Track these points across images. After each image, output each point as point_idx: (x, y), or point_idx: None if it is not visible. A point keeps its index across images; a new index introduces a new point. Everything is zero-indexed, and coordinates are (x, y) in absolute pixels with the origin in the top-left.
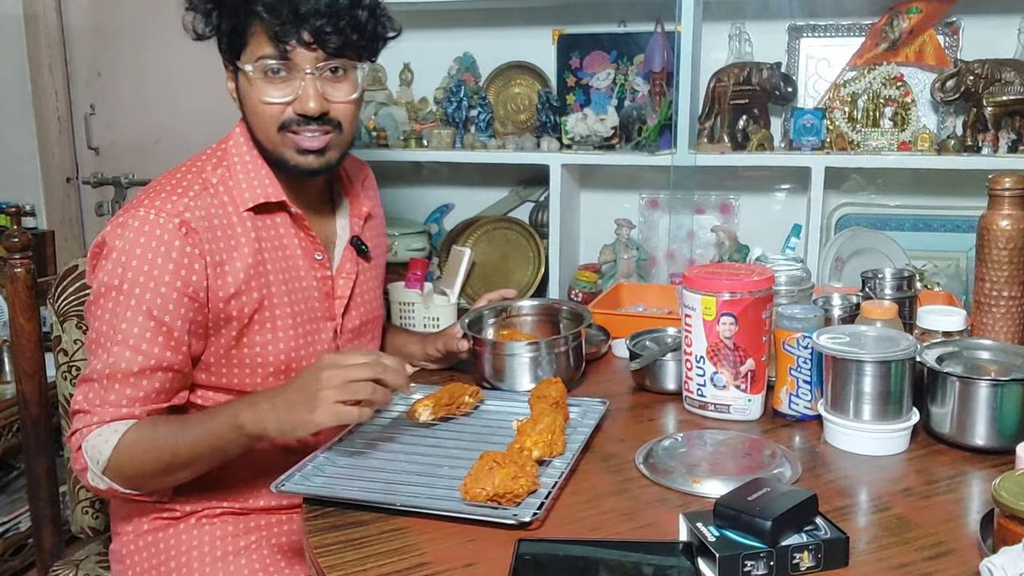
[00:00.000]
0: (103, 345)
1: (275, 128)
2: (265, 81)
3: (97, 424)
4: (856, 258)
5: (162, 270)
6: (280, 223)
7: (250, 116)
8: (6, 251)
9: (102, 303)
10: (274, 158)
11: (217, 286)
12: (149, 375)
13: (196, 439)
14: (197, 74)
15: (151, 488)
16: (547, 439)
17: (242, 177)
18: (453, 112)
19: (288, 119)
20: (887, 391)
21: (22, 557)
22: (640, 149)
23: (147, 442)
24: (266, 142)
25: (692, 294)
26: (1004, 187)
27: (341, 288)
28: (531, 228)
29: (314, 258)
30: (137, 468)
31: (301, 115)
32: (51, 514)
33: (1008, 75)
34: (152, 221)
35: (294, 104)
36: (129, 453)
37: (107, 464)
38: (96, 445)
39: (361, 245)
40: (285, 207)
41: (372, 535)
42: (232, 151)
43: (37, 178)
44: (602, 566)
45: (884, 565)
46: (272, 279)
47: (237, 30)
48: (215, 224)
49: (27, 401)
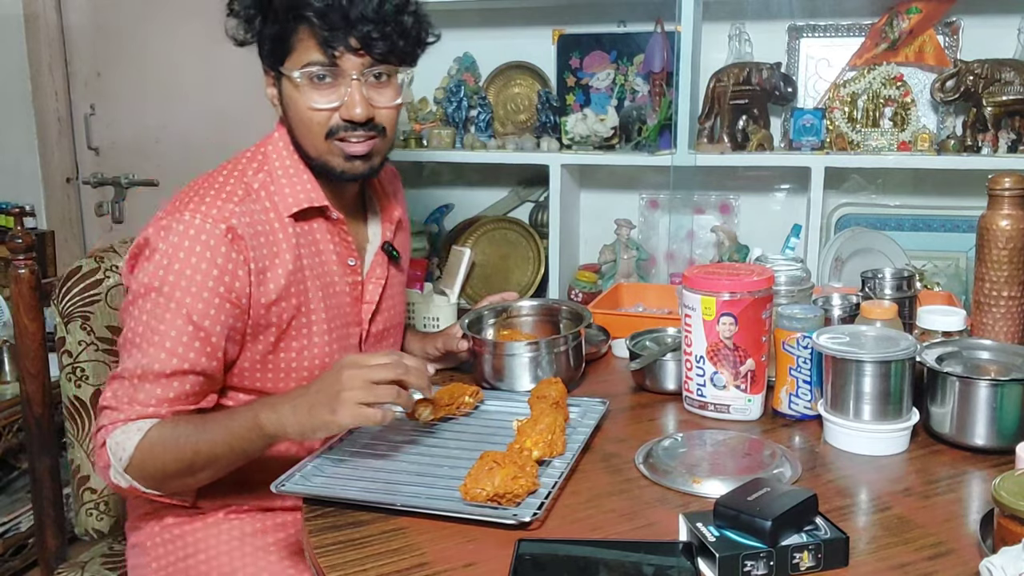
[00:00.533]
0: (138, 345)
1: (323, 136)
2: (312, 88)
3: (123, 421)
4: (856, 258)
5: (206, 275)
6: (317, 228)
7: (296, 123)
8: (10, 252)
9: (140, 303)
10: (319, 165)
11: (259, 293)
12: (180, 377)
13: (216, 439)
14: (197, 74)
15: (172, 488)
16: (547, 439)
17: (284, 182)
18: (453, 112)
19: (335, 126)
20: (887, 391)
21: (22, 557)
22: (640, 149)
23: (168, 441)
24: (312, 150)
25: (692, 294)
26: (1004, 187)
27: (370, 293)
28: (531, 228)
29: (347, 263)
30: (158, 467)
31: (348, 121)
32: (55, 516)
33: (1008, 75)
34: (198, 226)
35: (340, 110)
36: (151, 452)
37: (129, 462)
38: (120, 442)
39: (392, 251)
40: (325, 212)
41: (372, 535)
42: (272, 155)
43: (37, 178)
44: (602, 566)
45: (884, 565)
46: (310, 285)
47: (282, 36)
48: (259, 231)
49: (31, 402)
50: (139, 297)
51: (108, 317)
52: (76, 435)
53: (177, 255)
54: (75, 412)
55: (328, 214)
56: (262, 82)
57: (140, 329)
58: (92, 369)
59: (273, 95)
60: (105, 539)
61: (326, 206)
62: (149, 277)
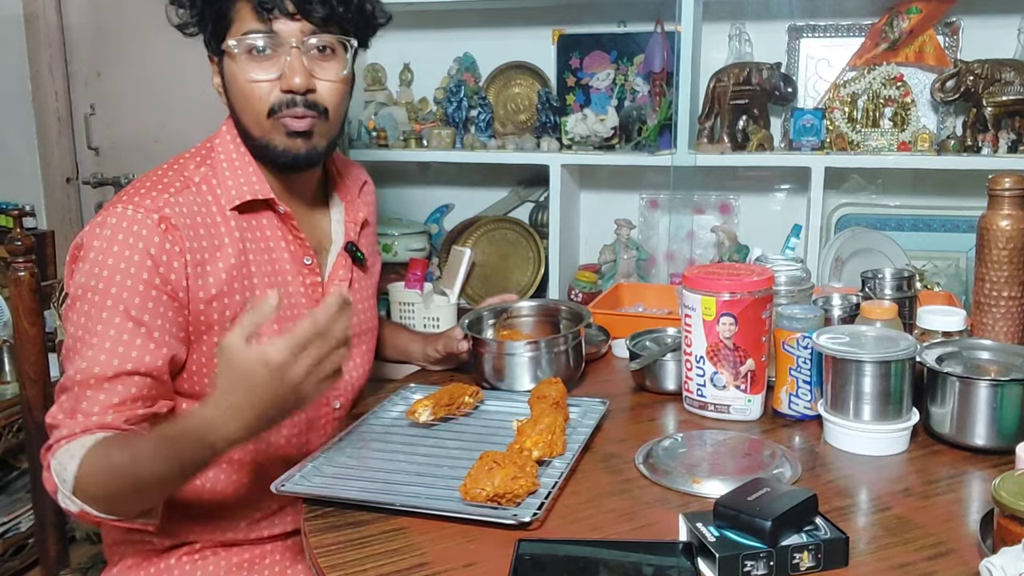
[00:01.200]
0: (78, 351)
1: (265, 112)
2: (249, 60)
3: (67, 438)
4: (856, 258)
5: (140, 267)
6: (267, 224)
7: (238, 103)
8: (9, 255)
9: (78, 306)
10: (263, 145)
11: (198, 286)
12: (125, 379)
13: (160, 465)
14: (197, 74)
15: (125, 512)
16: (547, 439)
17: (228, 174)
18: (453, 112)
19: (277, 102)
20: (887, 391)
21: (22, 557)
22: (640, 149)
23: (104, 465)
24: (256, 129)
25: (692, 294)
26: (1004, 187)
27: None
28: (531, 228)
29: (303, 262)
30: (102, 490)
31: (288, 91)
32: (56, 520)
33: (1008, 75)
34: (130, 217)
35: (280, 81)
36: (93, 473)
37: (75, 484)
38: (63, 462)
39: (357, 251)
40: (272, 206)
41: (372, 535)
42: (218, 148)
43: (37, 178)
44: (602, 566)
45: (884, 565)
46: (257, 282)
47: (221, 12)
48: (197, 222)
49: (31, 405)
50: (76, 300)
51: None
52: None
53: (111, 250)
54: None
55: (275, 207)
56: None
57: (79, 333)
58: None
59: (218, 84)
60: None
61: (271, 199)
62: (84, 277)
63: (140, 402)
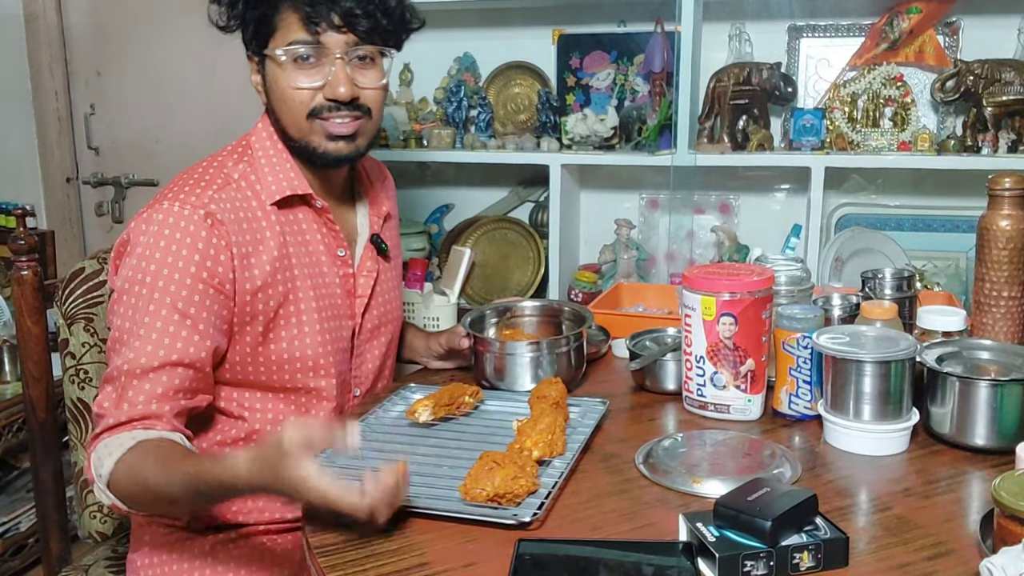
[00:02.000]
0: (125, 342)
1: (304, 115)
2: (295, 68)
3: (111, 430)
4: (856, 258)
5: (187, 261)
6: (303, 218)
7: (278, 104)
8: (12, 254)
9: (125, 299)
10: (302, 147)
11: (244, 279)
12: (170, 370)
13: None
14: (197, 74)
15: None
16: (547, 439)
17: (267, 171)
18: (453, 112)
19: (318, 105)
20: (887, 391)
21: (22, 557)
22: (640, 149)
23: (136, 474)
24: (295, 131)
25: (692, 294)
26: (1004, 187)
27: (362, 287)
28: (531, 228)
29: (336, 254)
30: (131, 494)
31: (332, 100)
32: (58, 519)
33: (1008, 75)
34: (176, 213)
35: (324, 89)
36: (125, 477)
37: (109, 480)
38: (101, 457)
39: (381, 243)
40: (309, 201)
41: (372, 535)
42: (255, 145)
43: (37, 178)
44: (602, 566)
45: (884, 565)
46: (297, 273)
47: (265, 17)
48: (240, 217)
49: (34, 405)
50: (123, 293)
51: None
52: (79, 437)
53: (158, 245)
54: (78, 415)
55: (312, 202)
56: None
57: (126, 325)
58: (95, 371)
59: (257, 82)
60: (108, 541)
61: (309, 194)
62: (131, 271)
63: (182, 394)
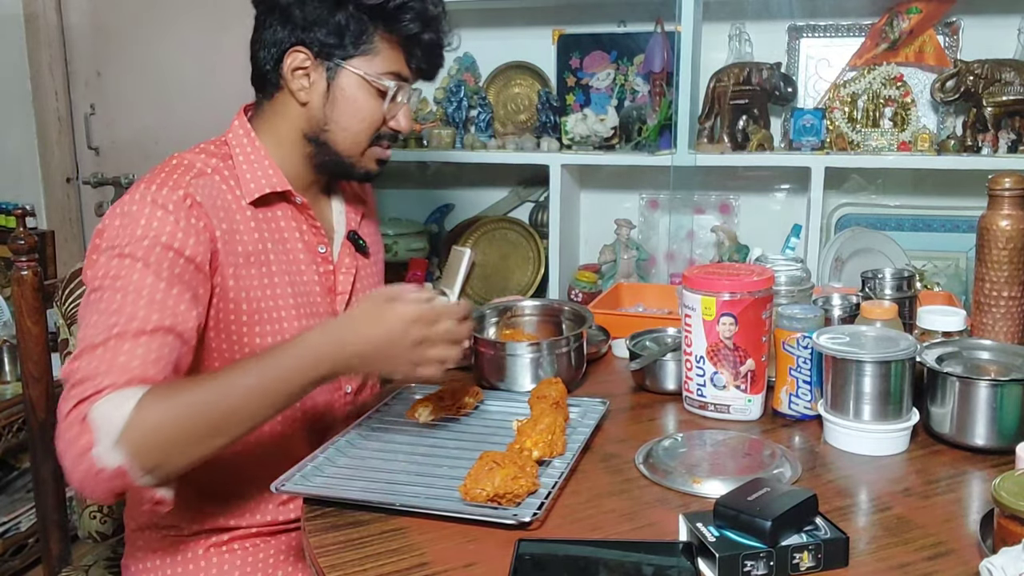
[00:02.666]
0: (103, 311)
1: (369, 139)
2: (377, 95)
3: (110, 388)
4: (856, 258)
5: (170, 236)
6: (281, 215)
7: (342, 118)
8: (12, 254)
9: (102, 274)
10: (345, 163)
11: (218, 262)
12: (162, 336)
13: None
14: (197, 74)
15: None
16: (547, 439)
17: (245, 168)
18: (453, 112)
19: (384, 133)
20: (887, 391)
21: (22, 557)
22: (640, 149)
23: (172, 403)
24: (349, 147)
25: (692, 294)
26: (1004, 187)
27: (342, 283)
28: (531, 228)
29: (317, 251)
30: (168, 429)
31: (394, 131)
32: (58, 519)
33: (1008, 75)
34: (154, 193)
35: (392, 122)
36: (156, 411)
37: (124, 430)
38: (106, 412)
39: (359, 239)
40: (288, 197)
41: (372, 535)
42: (232, 143)
43: (37, 178)
44: (602, 566)
45: (884, 565)
46: (275, 269)
47: (361, 32)
48: (217, 204)
49: (34, 406)
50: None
51: None
52: None
53: (137, 223)
54: None
55: (292, 199)
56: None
57: (106, 295)
58: None
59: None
60: (108, 541)
61: (289, 191)
62: (109, 244)
63: (171, 368)
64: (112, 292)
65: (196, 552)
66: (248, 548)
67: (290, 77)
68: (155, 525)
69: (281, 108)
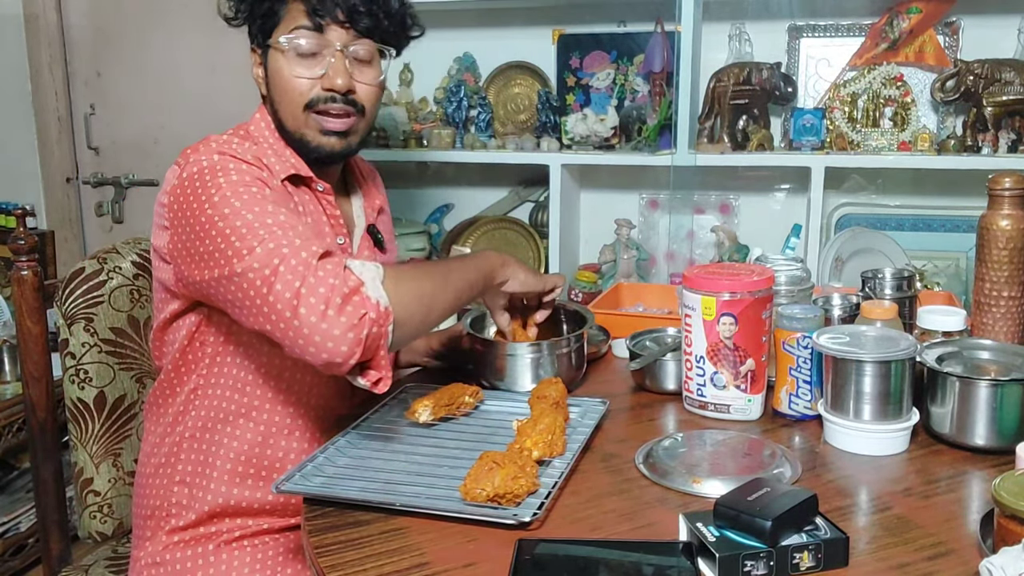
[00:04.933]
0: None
1: (301, 106)
2: (296, 59)
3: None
4: (856, 258)
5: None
6: (308, 200)
7: (278, 94)
8: (12, 254)
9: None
10: (297, 139)
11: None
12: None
13: (461, 273)
14: (197, 74)
15: (411, 327)
16: (547, 439)
17: (271, 153)
18: (453, 112)
19: (316, 97)
20: (887, 391)
21: (22, 557)
22: (640, 149)
23: (409, 266)
24: (291, 121)
25: (692, 294)
26: (1004, 187)
27: None
28: (531, 228)
29: (336, 242)
30: (413, 292)
31: (329, 90)
32: (58, 519)
33: (1008, 75)
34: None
35: (322, 80)
36: (397, 272)
37: (384, 278)
38: (360, 264)
39: (377, 234)
40: (310, 184)
41: (372, 535)
42: (254, 134)
43: (37, 178)
44: (602, 566)
45: (884, 565)
46: None
47: (272, 10)
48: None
49: (34, 405)
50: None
51: (112, 319)
52: (79, 437)
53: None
54: (78, 415)
55: (313, 185)
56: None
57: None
58: (95, 371)
59: (259, 75)
60: (108, 541)
61: (311, 176)
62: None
63: None
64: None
65: (206, 548)
66: (257, 545)
67: (254, 75)
68: (163, 519)
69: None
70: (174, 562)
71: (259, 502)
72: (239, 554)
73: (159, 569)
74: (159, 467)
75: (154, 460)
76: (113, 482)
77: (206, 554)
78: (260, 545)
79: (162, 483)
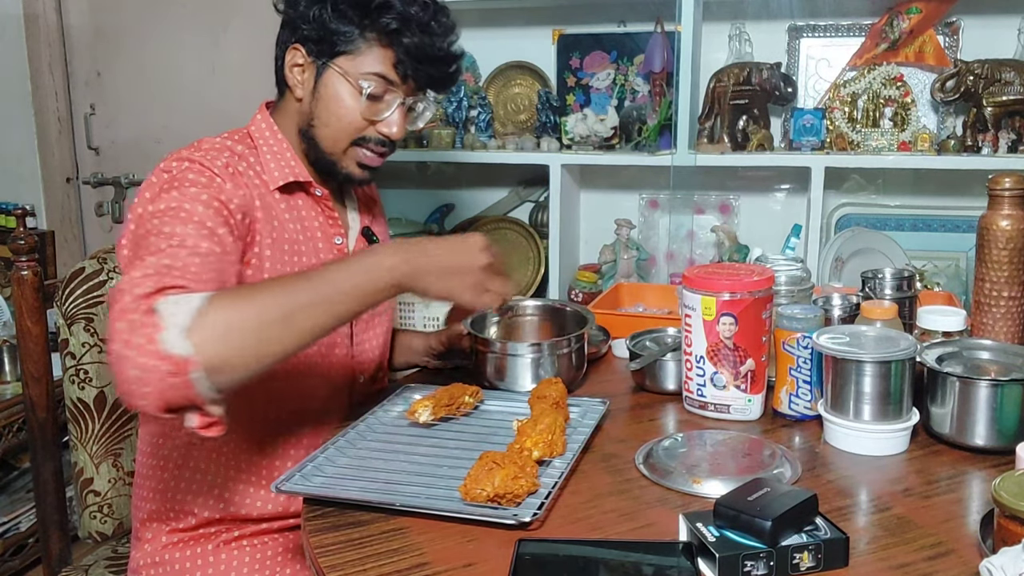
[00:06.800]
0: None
1: (350, 140)
2: (361, 97)
3: (173, 289)
4: (856, 258)
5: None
6: (303, 204)
7: (325, 115)
8: (12, 254)
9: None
10: (327, 159)
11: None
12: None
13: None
14: (197, 74)
15: (236, 368)
16: (547, 439)
17: (269, 158)
18: (453, 112)
19: (367, 136)
20: (887, 391)
21: (22, 557)
22: (640, 149)
23: (245, 295)
24: (330, 144)
25: (692, 294)
26: (1004, 187)
27: None
28: (531, 228)
29: (333, 242)
30: (239, 319)
31: (382, 135)
32: (58, 519)
33: (1008, 75)
34: (198, 159)
35: (379, 125)
36: (224, 311)
37: (194, 320)
38: (177, 301)
39: (372, 235)
40: (308, 188)
41: (372, 535)
42: (255, 135)
43: (37, 178)
44: (602, 566)
45: (884, 565)
46: (303, 249)
47: (350, 35)
48: (250, 183)
49: (34, 405)
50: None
51: None
52: (79, 437)
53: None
54: (78, 415)
55: (312, 190)
56: (262, 82)
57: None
58: (95, 371)
59: (301, 79)
60: (108, 541)
61: (309, 182)
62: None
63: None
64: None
65: (205, 548)
66: (257, 545)
67: (289, 73)
68: (162, 520)
69: (288, 105)
70: (173, 562)
71: (259, 502)
72: (239, 554)
73: (159, 569)
74: (158, 467)
75: (153, 460)
76: (113, 482)
77: (206, 554)
78: (260, 545)
79: (161, 483)
